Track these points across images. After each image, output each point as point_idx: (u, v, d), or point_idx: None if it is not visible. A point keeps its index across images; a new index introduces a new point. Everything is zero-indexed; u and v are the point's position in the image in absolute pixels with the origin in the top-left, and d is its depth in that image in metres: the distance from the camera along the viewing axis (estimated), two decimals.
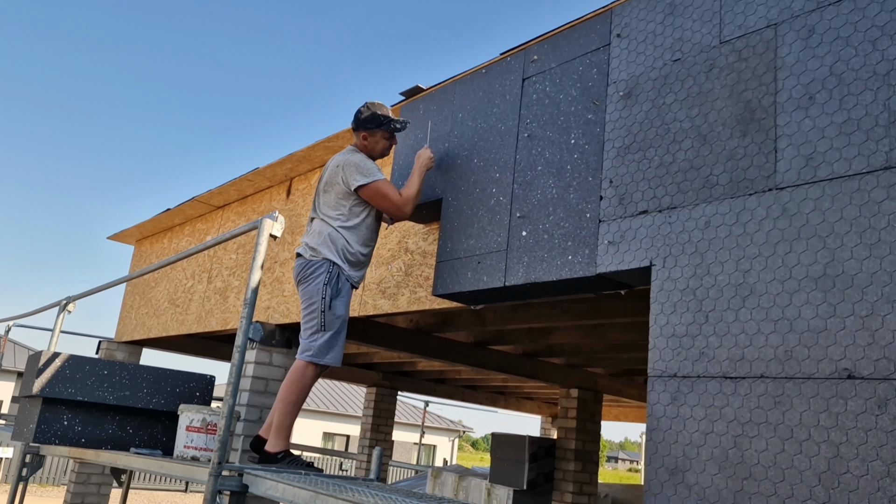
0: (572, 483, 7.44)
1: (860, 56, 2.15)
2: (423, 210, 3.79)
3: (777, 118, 2.31)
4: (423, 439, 18.19)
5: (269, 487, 2.99)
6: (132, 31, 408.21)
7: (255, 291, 3.28)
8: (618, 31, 2.92)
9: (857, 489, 1.89)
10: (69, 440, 4.41)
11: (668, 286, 2.47)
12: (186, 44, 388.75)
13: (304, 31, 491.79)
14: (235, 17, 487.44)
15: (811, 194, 2.17)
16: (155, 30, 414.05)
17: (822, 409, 2.01)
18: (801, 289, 2.13)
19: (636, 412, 11.64)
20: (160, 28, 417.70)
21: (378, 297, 4.32)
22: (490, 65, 3.54)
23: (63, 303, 5.35)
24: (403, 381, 10.21)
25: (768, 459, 2.08)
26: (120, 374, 4.60)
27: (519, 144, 3.22)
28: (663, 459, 2.32)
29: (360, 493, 2.73)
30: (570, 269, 2.82)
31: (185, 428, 4.05)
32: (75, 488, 7.33)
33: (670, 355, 2.39)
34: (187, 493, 18.28)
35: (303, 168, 5.38)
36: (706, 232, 2.41)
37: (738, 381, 2.20)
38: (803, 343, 2.09)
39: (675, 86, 2.63)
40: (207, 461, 3.96)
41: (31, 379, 4.44)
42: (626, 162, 2.72)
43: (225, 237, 3.71)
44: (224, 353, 8.40)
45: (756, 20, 2.45)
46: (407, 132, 3.99)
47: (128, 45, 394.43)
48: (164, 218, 7.19)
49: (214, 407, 4.24)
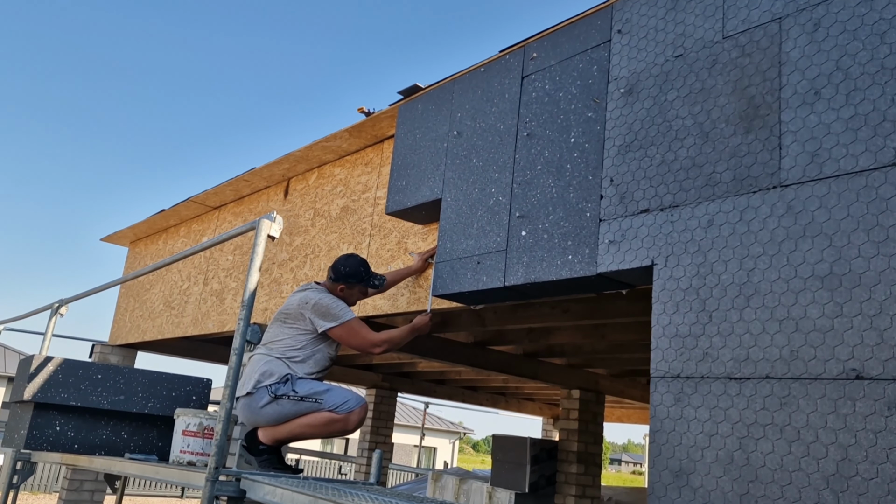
0: (575, 486, 7.39)
1: (867, 50, 2.11)
2: (422, 210, 3.76)
3: (781, 114, 2.26)
4: (424, 441, 18.15)
5: (266, 492, 2.94)
6: (126, 30, 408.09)
7: (253, 293, 3.24)
8: (618, 26, 2.88)
9: (867, 492, 1.85)
10: (62, 446, 4.35)
11: (670, 286, 2.43)
12: (182, 43, 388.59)
13: (302, 30, 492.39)
14: (232, 15, 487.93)
15: (817, 192, 2.13)
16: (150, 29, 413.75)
17: (830, 411, 1.96)
18: (807, 288, 2.08)
19: (639, 413, 11.60)
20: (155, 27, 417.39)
21: (378, 297, 4.28)
22: (489, 63, 3.50)
23: (55, 306, 5.30)
24: (403, 382, 10.16)
25: (775, 462, 2.03)
26: (114, 379, 4.55)
27: (518, 143, 3.18)
28: (667, 462, 2.28)
29: (359, 497, 2.68)
30: (570, 268, 2.78)
31: (181, 432, 4.01)
32: (68, 495, 7.26)
33: (673, 356, 2.35)
34: (183, 499, 18.18)
35: (300, 168, 5.34)
36: (709, 230, 2.36)
37: (743, 382, 2.16)
38: (809, 343, 2.05)
39: (677, 82, 2.59)
40: (204, 466, 3.92)
41: (22, 384, 4.39)
42: (627, 160, 2.68)
43: (222, 238, 3.67)
44: (221, 356, 8.34)
45: (760, 14, 2.41)
46: (406, 132, 3.95)
47: (121, 44, 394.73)
48: (159, 219, 7.15)
49: (211, 411, 4.18)
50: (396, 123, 4.07)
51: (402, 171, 3.85)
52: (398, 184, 3.86)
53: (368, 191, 4.63)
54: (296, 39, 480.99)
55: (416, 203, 3.70)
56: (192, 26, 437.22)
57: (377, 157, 4.65)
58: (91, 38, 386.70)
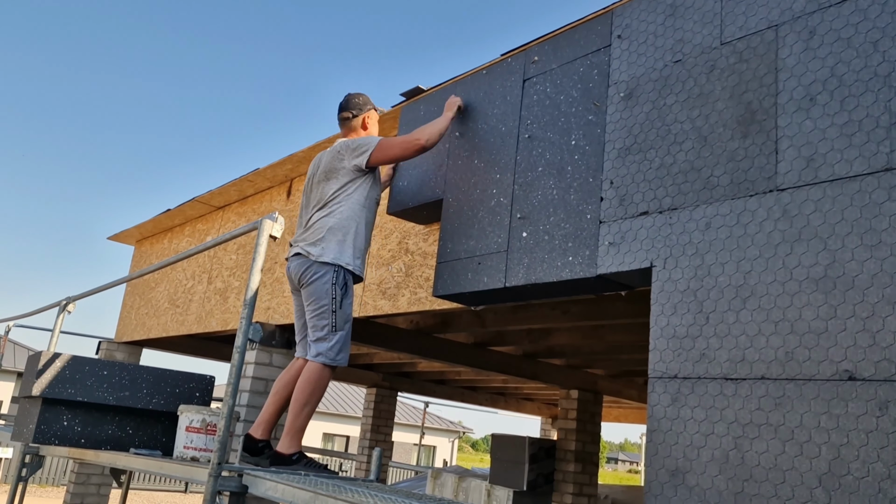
0: (572, 484, 7.43)
1: (861, 58, 2.15)
2: (423, 211, 3.79)
3: (778, 119, 2.30)
4: (423, 440, 18.18)
5: (268, 488, 2.98)
6: (132, 31, 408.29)
7: (256, 292, 3.28)
8: (618, 32, 2.92)
9: (858, 491, 1.89)
10: (69, 440, 4.41)
11: (668, 287, 2.46)
12: (187, 43, 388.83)
13: (305, 32, 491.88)
14: (236, 16, 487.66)
15: (812, 195, 2.17)
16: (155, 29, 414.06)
17: (823, 411, 2.00)
18: (802, 290, 2.12)
19: (636, 413, 11.63)
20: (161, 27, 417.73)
21: (378, 297, 4.32)
22: (491, 66, 3.54)
23: (63, 303, 5.35)
24: (403, 381, 10.20)
25: (769, 461, 2.07)
26: (120, 375, 4.60)
27: (520, 145, 3.22)
28: (663, 461, 2.32)
29: (359, 493, 2.72)
30: (570, 270, 2.82)
31: (184, 428, 4.05)
32: (75, 489, 7.34)
33: (671, 356, 2.39)
34: (187, 494, 18.26)
35: (303, 169, 5.38)
36: (707, 233, 2.40)
37: (739, 383, 2.20)
38: (804, 344, 2.09)
39: (676, 87, 2.63)
40: (207, 462, 3.96)
41: (31, 379, 4.44)
42: (627, 163, 2.72)
43: (225, 238, 3.71)
44: (224, 354, 8.40)
45: (757, 21, 2.45)
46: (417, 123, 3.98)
47: (127, 44, 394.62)
48: (165, 218, 7.19)
49: (214, 407, 4.23)
50: (399, 125, 4.10)
51: (404, 171, 3.89)
52: (400, 184, 3.90)
53: None
54: (300, 42, 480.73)
55: (417, 203, 3.73)
56: (200, 27, 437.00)
57: None
58: (98, 37, 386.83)
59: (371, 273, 4.43)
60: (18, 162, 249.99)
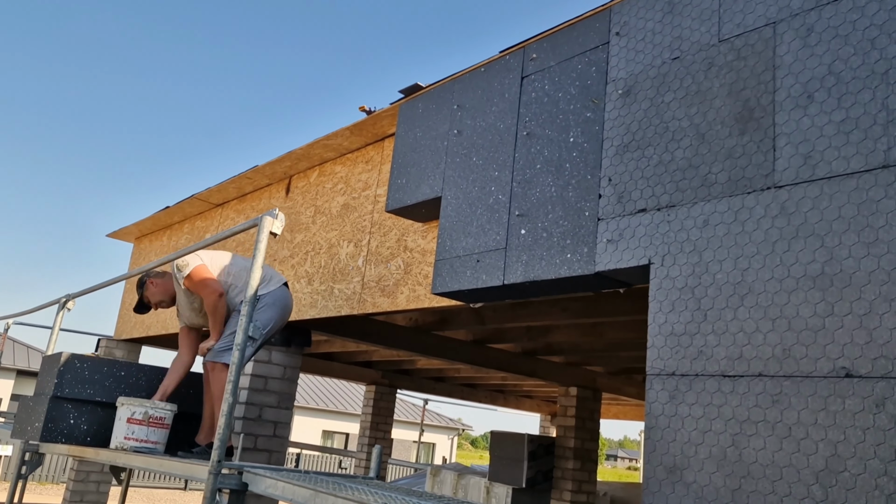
0: (571, 481, 7.44)
1: (859, 55, 2.15)
2: (422, 208, 3.79)
3: (775, 117, 2.31)
4: (423, 437, 18.19)
5: (268, 486, 2.99)
6: (131, 28, 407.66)
7: (256, 289, 3.28)
8: (617, 29, 2.92)
9: (855, 487, 1.90)
10: (75, 439, 4.44)
11: (666, 284, 2.47)
12: (186, 41, 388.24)
13: (303, 29, 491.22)
14: (235, 14, 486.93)
15: (809, 193, 2.17)
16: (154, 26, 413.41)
17: (820, 408, 2.01)
18: (799, 287, 2.13)
19: (635, 410, 11.65)
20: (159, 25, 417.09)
21: (377, 294, 4.32)
22: (489, 63, 3.54)
23: (62, 300, 5.34)
24: (403, 379, 10.21)
25: (766, 458, 2.08)
26: (137, 376, 4.67)
27: (518, 143, 3.22)
28: (662, 458, 2.32)
29: (359, 491, 2.73)
30: (568, 267, 2.82)
31: (125, 420, 4.18)
32: (75, 486, 7.35)
33: (669, 354, 2.40)
34: (186, 491, 18.28)
35: (302, 166, 5.38)
36: (705, 230, 2.41)
37: (737, 380, 2.20)
38: (801, 342, 2.09)
39: (674, 84, 2.63)
40: (148, 453, 4.06)
41: (49, 380, 4.47)
42: (625, 160, 2.72)
43: (224, 234, 3.71)
44: None
45: (755, 19, 2.45)
46: (407, 131, 3.99)
47: (126, 42, 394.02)
48: (164, 216, 7.19)
49: (157, 402, 4.31)
50: (397, 122, 4.10)
51: (403, 169, 3.89)
52: (398, 182, 3.90)
53: (369, 188, 4.68)
54: (299, 38, 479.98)
55: (416, 201, 3.74)
56: (198, 25, 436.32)
57: (378, 156, 4.69)
58: (97, 35, 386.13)
59: (370, 270, 4.43)
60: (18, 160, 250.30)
